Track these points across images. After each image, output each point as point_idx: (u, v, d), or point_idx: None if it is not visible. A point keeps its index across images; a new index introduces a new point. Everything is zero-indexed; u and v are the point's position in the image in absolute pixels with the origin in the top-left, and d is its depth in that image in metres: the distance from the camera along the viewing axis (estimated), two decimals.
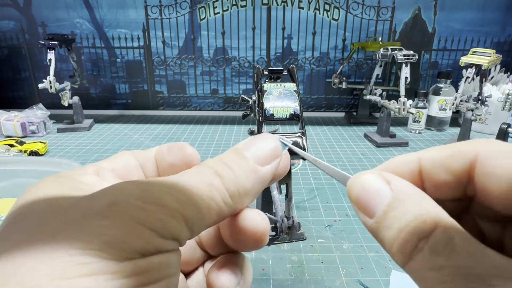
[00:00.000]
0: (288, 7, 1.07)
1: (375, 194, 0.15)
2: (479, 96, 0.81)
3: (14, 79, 1.17)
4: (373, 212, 0.15)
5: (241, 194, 0.17)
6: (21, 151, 0.75)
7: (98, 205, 0.14)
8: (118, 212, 0.13)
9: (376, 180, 0.15)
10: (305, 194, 0.60)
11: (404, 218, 0.14)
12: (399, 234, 0.14)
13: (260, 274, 0.40)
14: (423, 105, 0.97)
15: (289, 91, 0.26)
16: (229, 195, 0.16)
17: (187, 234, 0.15)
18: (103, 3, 1.07)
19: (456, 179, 0.15)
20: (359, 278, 0.39)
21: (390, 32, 1.10)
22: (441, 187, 0.16)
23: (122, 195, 0.14)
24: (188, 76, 1.15)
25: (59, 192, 0.16)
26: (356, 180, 0.16)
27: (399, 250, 0.14)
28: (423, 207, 0.14)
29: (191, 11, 1.08)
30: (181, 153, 0.21)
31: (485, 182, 0.14)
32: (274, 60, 1.13)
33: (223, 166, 0.17)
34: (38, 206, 0.15)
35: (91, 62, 1.14)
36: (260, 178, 0.18)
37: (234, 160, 0.17)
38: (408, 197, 0.14)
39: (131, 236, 0.13)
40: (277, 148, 0.18)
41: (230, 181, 0.17)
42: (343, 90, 1.14)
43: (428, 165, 0.16)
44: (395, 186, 0.15)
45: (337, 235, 0.47)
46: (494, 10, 1.07)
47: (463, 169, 0.15)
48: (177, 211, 0.14)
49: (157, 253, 0.14)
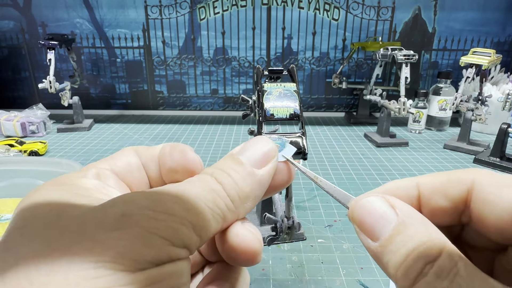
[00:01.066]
0: (288, 7, 1.07)
1: (380, 218, 0.15)
2: (479, 96, 0.81)
3: (14, 79, 1.16)
4: (377, 236, 0.15)
5: (242, 198, 0.17)
6: (21, 151, 0.75)
7: (110, 217, 0.14)
8: (129, 223, 0.13)
9: (381, 203, 0.16)
10: (305, 194, 0.60)
11: (411, 243, 0.14)
12: (406, 258, 0.14)
13: (260, 274, 0.40)
14: (423, 105, 0.97)
15: (289, 91, 0.26)
16: (230, 200, 0.17)
17: (196, 241, 0.15)
18: (103, 3, 1.07)
19: (454, 206, 0.16)
20: (359, 278, 0.39)
21: (390, 32, 1.10)
22: (438, 213, 0.16)
23: (132, 205, 0.14)
24: (188, 76, 1.15)
25: (64, 199, 0.16)
26: (359, 202, 0.16)
27: (404, 274, 0.14)
28: (429, 232, 0.14)
29: (191, 11, 1.08)
30: (183, 158, 0.21)
31: (482, 209, 0.15)
32: (274, 60, 1.13)
33: (222, 173, 0.17)
34: (45, 214, 0.15)
35: (91, 62, 1.14)
36: (258, 181, 0.18)
37: (231, 166, 0.18)
38: (414, 222, 0.15)
39: (143, 246, 0.13)
40: (271, 150, 0.19)
41: (230, 187, 0.17)
42: (343, 90, 1.14)
43: (427, 191, 0.16)
44: (400, 211, 0.15)
45: (337, 235, 0.47)
46: (494, 10, 1.07)
47: (461, 196, 0.16)
48: (185, 219, 0.14)
49: (169, 261, 0.14)
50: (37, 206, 0.15)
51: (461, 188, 0.16)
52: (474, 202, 0.15)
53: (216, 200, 0.16)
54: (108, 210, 0.14)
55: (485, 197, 0.15)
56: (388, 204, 0.15)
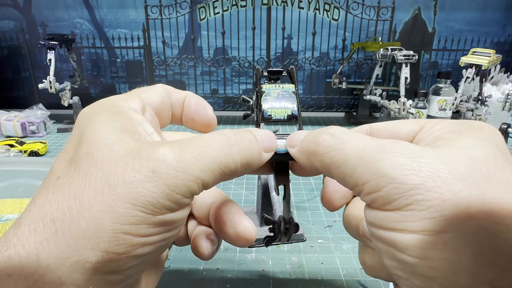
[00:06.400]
0: (288, 7, 1.07)
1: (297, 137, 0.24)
2: (479, 96, 0.81)
3: (14, 79, 1.17)
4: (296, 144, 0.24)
5: (244, 165, 0.21)
6: (21, 151, 0.75)
7: (145, 170, 0.18)
8: (157, 179, 0.18)
9: (301, 133, 0.24)
10: (305, 194, 0.60)
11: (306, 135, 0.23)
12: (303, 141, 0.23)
13: (260, 275, 0.40)
14: (423, 105, 0.97)
15: (288, 92, 0.26)
16: (240, 163, 0.21)
17: (201, 191, 0.20)
18: (103, 3, 1.07)
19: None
20: (359, 278, 0.39)
21: (390, 32, 1.10)
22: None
23: (162, 164, 0.18)
24: (188, 76, 1.15)
25: (118, 126, 0.20)
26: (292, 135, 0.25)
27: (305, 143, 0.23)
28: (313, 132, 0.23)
29: (191, 11, 1.08)
30: (203, 113, 0.27)
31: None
32: (274, 60, 1.13)
33: (241, 142, 0.21)
34: (103, 146, 0.19)
35: (91, 62, 1.14)
36: (260, 161, 0.23)
37: (251, 140, 0.22)
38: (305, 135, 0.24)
39: (164, 199, 0.18)
40: (275, 144, 0.24)
41: (242, 153, 0.21)
42: (343, 90, 1.14)
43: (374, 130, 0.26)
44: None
45: (337, 235, 0.47)
46: (494, 10, 1.07)
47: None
48: (199, 178, 0.19)
49: (180, 209, 0.19)
50: (104, 135, 0.19)
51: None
52: None
53: (228, 164, 0.20)
54: (144, 163, 0.18)
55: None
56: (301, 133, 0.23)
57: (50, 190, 0.18)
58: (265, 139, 0.23)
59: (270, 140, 0.23)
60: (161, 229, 0.19)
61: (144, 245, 0.18)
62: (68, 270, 0.16)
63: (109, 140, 0.19)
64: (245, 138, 0.21)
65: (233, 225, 0.24)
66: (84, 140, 0.19)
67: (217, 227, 0.25)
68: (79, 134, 0.20)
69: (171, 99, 0.26)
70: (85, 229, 0.17)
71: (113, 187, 0.17)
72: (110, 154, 0.18)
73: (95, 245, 0.16)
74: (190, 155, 0.19)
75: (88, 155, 0.19)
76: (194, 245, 0.26)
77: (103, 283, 0.17)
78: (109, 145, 0.19)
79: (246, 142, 0.21)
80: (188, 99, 0.27)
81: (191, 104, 0.27)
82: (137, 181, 0.17)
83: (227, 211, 0.25)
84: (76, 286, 0.16)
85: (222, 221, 0.25)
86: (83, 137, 0.20)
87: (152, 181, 0.18)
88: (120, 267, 0.18)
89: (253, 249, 0.44)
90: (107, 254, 0.17)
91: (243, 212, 0.25)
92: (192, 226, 0.28)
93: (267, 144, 0.23)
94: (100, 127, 0.20)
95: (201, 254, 0.26)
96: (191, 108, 0.27)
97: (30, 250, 0.16)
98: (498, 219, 0.15)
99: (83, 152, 0.19)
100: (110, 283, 0.18)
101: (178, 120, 0.28)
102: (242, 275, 0.40)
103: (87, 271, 0.17)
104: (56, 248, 0.16)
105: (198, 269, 0.40)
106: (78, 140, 0.20)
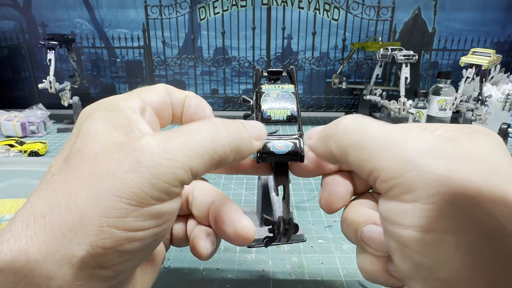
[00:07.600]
0: (288, 7, 1.07)
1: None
2: (479, 96, 0.80)
3: (14, 79, 1.16)
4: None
5: (233, 150, 0.21)
6: (21, 151, 0.75)
7: (129, 161, 0.17)
8: (142, 169, 0.17)
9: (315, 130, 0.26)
10: (305, 194, 0.60)
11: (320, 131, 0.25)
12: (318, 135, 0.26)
13: (260, 275, 0.40)
14: (423, 105, 0.97)
15: (287, 93, 0.26)
16: (229, 148, 0.21)
17: (190, 179, 0.19)
18: (103, 3, 1.07)
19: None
20: (359, 279, 0.39)
21: (390, 32, 1.10)
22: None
23: (146, 153, 0.18)
24: (188, 76, 1.15)
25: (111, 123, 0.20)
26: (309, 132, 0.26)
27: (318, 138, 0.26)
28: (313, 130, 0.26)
29: (191, 11, 1.08)
30: (202, 113, 0.27)
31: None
32: (274, 60, 1.13)
33: (230, 128, 0.21)
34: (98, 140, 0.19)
35: (91, 62, 1.14)
36: (251, 148, 0.23)
37: (240, 127, 0.22)
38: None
39: (151, 189, 0.17)
40: (264, 132, 0.24)
41: (231, 138, 0.21)
42: (343, 90, 1.14)
43: None
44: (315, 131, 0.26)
45: (337, 235, 0.47)
46: (494, 10, 1.07)
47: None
48: (186, 164, 0.18)
49: (169, 199, 0.19)
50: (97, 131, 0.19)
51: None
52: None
53: (217, 148, 0.20)
54: (129, 153, 0.18)
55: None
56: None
57: (43, 187, 0.18)
58: (254, 128, 0.23)
59: (259, 129, 0.23)
60: (150, 223, 0.18)
61: (131, 240, 0.17)
62: (56, 264, 0.16)
63: (99, 135, 0.19)
64: (233, 125, 0.22)
65: (232, 224, 0.24)
66: (79, 137, 0.20)
67: (216, 226, 0.25)
68: (76, 132, 0.21)
69: (172, 99, 0.26)
70: (71, 223, 0.16)
71: (97, 180, 0.17)
72: (98, 148, 0.18)
73: (81, 239, 0.16)
74: (175, 142, 0.18)
75: (80, 151, 0.19)
76: (193, 245, 0.26)
77: (92, 278, 0.17)
78: (98, 140, 0.19)
79: (235, 128, 0.21)
80: (188, 99, 0.27)
81: (191, 104, 0.27)
82: (121, 172, 0.17)
83: (226, 210, 0.25)
84: (65, 281, 0.16)
85: (221, 220, 0.24)
86: (79, 134, 0.20)
87: (136, 171, 0.17)
88: (108, 262, 0.17)
89: (253, 250, 0.44)
90: (93, 249, 0.16)
91: (242, 212, 0.25)
92: (192, 226, 0.28)
93: (257, 132, 0.23)
94: (94, 124, 0.20)
95: (200, 254, 0.26)
96: (191, 108, 0.27)
97: (21, 245, 0.16)
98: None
99: (76, 148, 0.19)
100: (99, 279, 0.17)
101: (179, 120, 0.28)
102: (242, 275, 0.40)
103: (75, 265, 0.16)
104: (45, 242, 0.16)
105: (198, 269, 0.40)
106: (74, 138, 0.20)
